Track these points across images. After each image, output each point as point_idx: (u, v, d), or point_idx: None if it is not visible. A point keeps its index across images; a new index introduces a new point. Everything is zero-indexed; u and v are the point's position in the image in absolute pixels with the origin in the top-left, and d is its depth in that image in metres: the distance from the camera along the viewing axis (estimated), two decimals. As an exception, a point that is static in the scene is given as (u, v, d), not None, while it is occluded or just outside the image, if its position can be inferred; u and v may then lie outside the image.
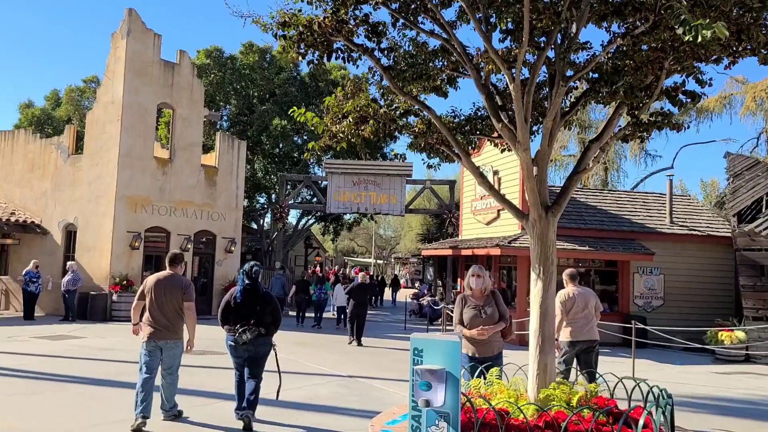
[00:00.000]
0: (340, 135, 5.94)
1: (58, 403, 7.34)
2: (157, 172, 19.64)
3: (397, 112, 6.01)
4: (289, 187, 25.34)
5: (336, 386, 9.15)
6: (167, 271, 6.89)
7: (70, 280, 17.45)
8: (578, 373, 7.51)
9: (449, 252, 19.06)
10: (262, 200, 30.92)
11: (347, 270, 42.05)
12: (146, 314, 6.70)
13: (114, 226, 18.47)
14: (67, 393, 7.96)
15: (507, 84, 5.60)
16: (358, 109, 5.80)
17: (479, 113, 6.40)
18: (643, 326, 13.47)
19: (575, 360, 7.66)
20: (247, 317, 6.61)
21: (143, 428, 6.32)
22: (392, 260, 58.83)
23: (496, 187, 18.04)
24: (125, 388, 8.32)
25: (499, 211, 17.84)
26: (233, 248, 21.69)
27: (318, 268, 40.66)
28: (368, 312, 19.95)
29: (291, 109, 6.34)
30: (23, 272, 17.65)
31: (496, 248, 15.67)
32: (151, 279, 6.87)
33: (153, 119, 19.90)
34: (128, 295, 18.12)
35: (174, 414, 6.84)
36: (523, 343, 15.95)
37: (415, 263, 53.50)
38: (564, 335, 7.65)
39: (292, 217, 30.54)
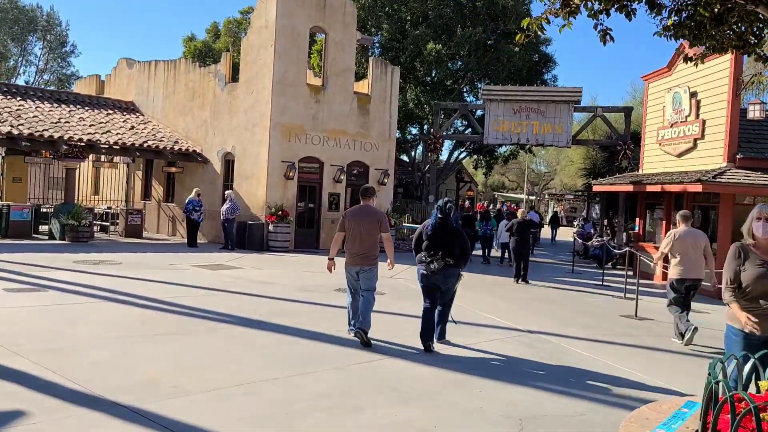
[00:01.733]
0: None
1: (205, 349, 6.55)
2: (309, 100, 18.89)
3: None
4: (442, 116, 23.69)
5: (518, 344, 7.69)
6: (362, 204, 7.42)
7: (228, 209, 17.42)
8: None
9: (629, 188, 16.55)
10: (414, 131, 29.58)
11: (497, 205, 40.07)
12: (347, 244, 7.26)
13: (269, 155, 18.09)
14: (217, 336, 7.23)
15: None
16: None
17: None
18: None
19: (685, 296, 8.26)
20: (436, 248, 7.08)
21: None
22: (546, 196, 55.64)
23: (693, 111, 15.16)
24: (277, 332, 7.46)
25: (695, 140, 14.98)
26: (386, 180, 20.71)
27: (468, 203, 39.19)
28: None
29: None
30: (186, 201, 17.89)
31: (697, 184, 13.05)
32: (349, 212, 7.41)
33: (306, 44, 19.02)
34: (283, 225, 17.84)
35: (364, 331, 7.00)
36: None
37: (570, 200, 50.18)
38: (674, 273, 8.17)
39: (444, 149, 28.98)
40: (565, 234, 35.15)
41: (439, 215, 7.17)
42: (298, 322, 8.05)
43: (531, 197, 54.07)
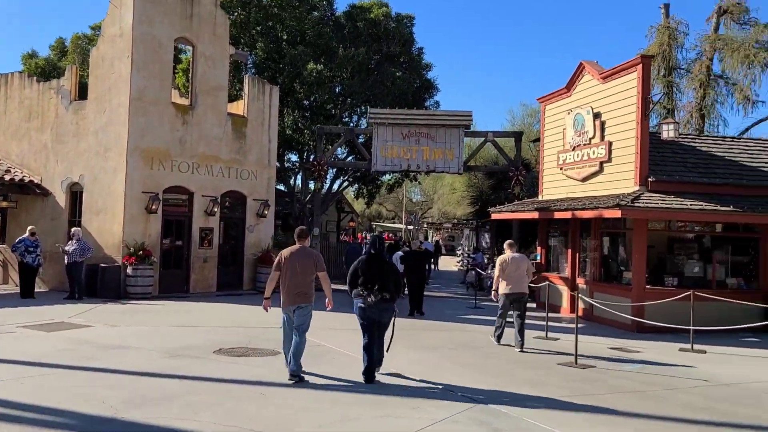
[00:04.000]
0: None
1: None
2: (176, 121, 16.26)
3: None
4: (325, 142, 21.83)
5: (472, 426, 5.79)
6: (298, 245, 7.44)
7: (77, 250, 14.31)
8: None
9: (535, 215, 15.52)
10: (293, 158, 27.45)
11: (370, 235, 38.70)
12: (283, 283, 7.28)
13: (126, 185, 15.21)
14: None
15: None
16: None
17: None
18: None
19: (510, 307, 10.12)
20: (372, 282, 7.27)
21: (297, 379, 7.06)
22: (424, 226, 55.33)
23: (598, 133, 14.44)
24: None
25: (602, 163, 14.22)
26: (266, 212, 18.39)
27: (349, 236, 37.53)
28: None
29: None
30: (16, 240, 14.50)
31: (615, 209, 12.07)
32: (285, 252, 7.41)
33: (170, 57, 16.44)
34: (145, 267, 14.96)
35: (298, 376, 7.08)
36: (642, 330, 12.59)
37: (449, 229, 50.14)
38: (502, 289, 10.09)
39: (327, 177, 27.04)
40: (447, 263, 34.42)
41: (372, 251, 7.43)
42: (168, 416, 5.64)
43: (410, 226, 53.48)
